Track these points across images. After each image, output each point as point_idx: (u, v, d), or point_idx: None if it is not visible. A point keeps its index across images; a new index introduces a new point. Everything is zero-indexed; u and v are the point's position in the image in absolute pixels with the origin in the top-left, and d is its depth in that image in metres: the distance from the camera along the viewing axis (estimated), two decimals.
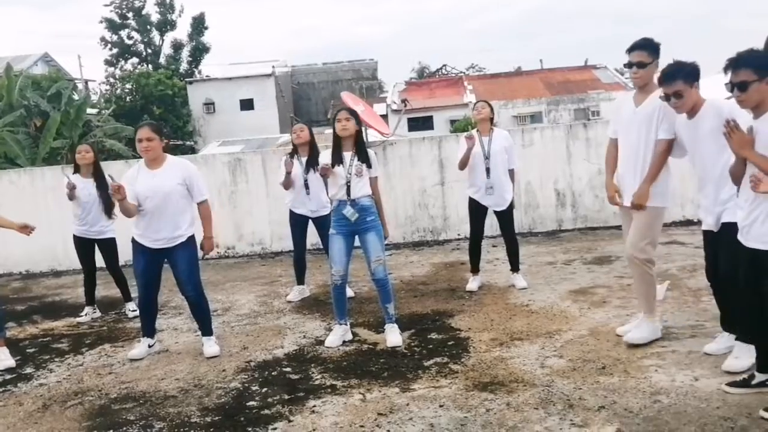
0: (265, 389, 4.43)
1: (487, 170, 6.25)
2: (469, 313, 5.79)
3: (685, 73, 4.08)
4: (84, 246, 6.65)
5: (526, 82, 36.91)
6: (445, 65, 48.38)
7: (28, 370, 5.26)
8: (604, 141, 9.04)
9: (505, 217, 6.45)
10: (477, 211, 6.47)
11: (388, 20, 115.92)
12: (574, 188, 9.44)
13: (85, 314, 6.73)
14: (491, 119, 6.40)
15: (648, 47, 4.52)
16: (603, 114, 30.76)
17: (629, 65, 4.56)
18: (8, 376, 5.13)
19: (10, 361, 5.33)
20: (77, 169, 6.58)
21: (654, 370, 4.20)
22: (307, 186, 6.43)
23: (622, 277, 6.60)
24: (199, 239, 5.19)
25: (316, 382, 4.47)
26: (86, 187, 6.50)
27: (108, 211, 6.47)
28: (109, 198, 6.37)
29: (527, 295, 6.20)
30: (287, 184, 6.51)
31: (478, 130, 6.39)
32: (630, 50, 4.55)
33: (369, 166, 5.09)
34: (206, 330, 5.32)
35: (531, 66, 45.92)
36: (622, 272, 6.77)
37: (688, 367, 4.19)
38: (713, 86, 5.06)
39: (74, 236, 6.66)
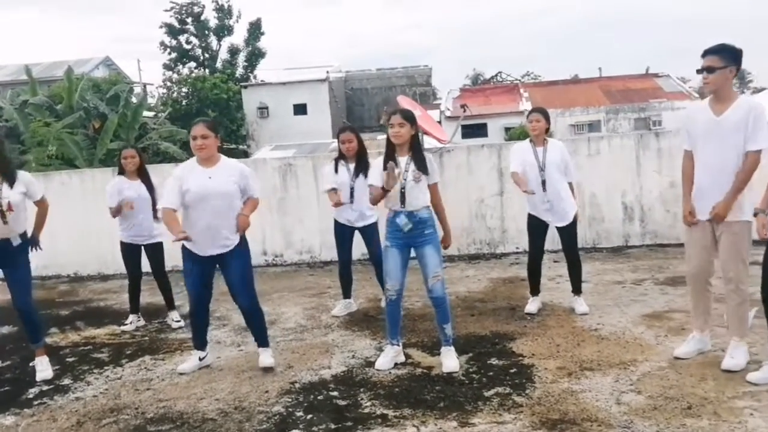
0: (310, 416, 4.07)
1: (543, 183, 5.76)
2: (532, 336, 5.33)
3: (724, 51, 4.21)
4: (132, 252, 6.43)
5: (585, 89, 35.97)
6: (500, 72, 47.67)
7: (66, 381, 5.03)
8: (677, 152, 8.44)
9: (568, 233, 5.95)
10: (536, 228, 5.97)
11: (443, 27, 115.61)
12: (643, 201, 8.85)
13: (130, 322, 6.51)
14: (547, 129, 5.90)
15: (722, 52, 4.27)
16: (665, 124, 29.70)
17: (700, 70, 4.33)
18: (45, 388, 4.90)
19: (48, 372, 5.12)
20: (121, 172, 6.40)
21: (749, 414, 3.70)
22: (351, 194, 6.09)
23: None
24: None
25: (366, 410, 4.09)
26: (134, 188, 6.30)
27: (156, 211, 6.26)
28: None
29: (595, 318, 5.70)
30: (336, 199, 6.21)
31: (531, 140, 5.91)
32: (703, 55, 4.32)
33: (426, 173, 4.69)
34: (262, 341, 5.03)
35: (587, 74, 44.82)
36: None
37: None
38: None
39: (122, 243, 6.45)
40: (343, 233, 6.33)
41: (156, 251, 6.44)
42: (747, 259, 4.38)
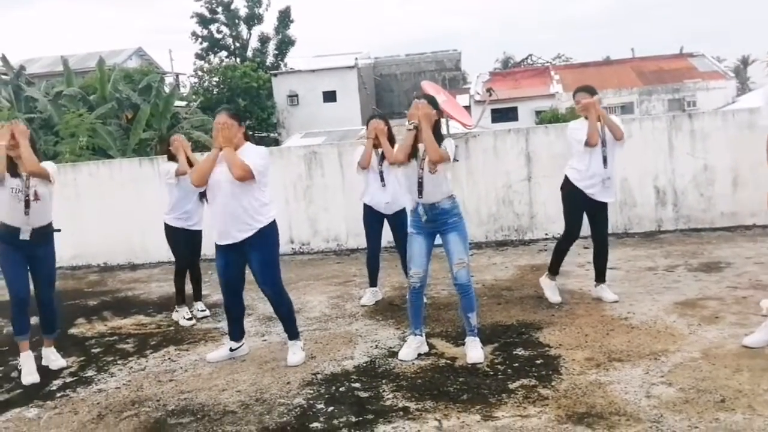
0: (331, 408, 4.01)
1: (604, 159, 5.52)
2: (560, 325, 5.19)
3: None
4: (177, 237, 6.24)
5: (617, 71, 35.29)
6: (530, 55, 47.04)
7: (90, 373, 5.05)
8: (711, 133, 8.35)
9: (604, 215, 5.74)
10: (583, 205, 5.64)
11: (473, 12, 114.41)
12: (676, 185, 8.60)
13: (190, 317, 6.23)
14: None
15: None
16: (700, 104, 29.05)
17: None
18: (69, 380, 4.92)
19: (62, 361, 5.20)
20: (171, 159, 6.33)
21: None
22: (382, 177, 6.00)
23: (735, 287, 5.83)
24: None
25: (387, 403, 4.01)
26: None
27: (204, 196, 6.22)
28: None
29: (625, 306, 5.53)
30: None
31: (586, 118, 5.58)
32: None
33: None
34: (290, 333, 4.95)
35: (619, 56, 43.82)
36: (734, 282, 6.00)
37: None
38: None
39: (169, 227, 6.25)
40: (372, 221, 6.23)
41: (196, 239, 6.36)
42: None
